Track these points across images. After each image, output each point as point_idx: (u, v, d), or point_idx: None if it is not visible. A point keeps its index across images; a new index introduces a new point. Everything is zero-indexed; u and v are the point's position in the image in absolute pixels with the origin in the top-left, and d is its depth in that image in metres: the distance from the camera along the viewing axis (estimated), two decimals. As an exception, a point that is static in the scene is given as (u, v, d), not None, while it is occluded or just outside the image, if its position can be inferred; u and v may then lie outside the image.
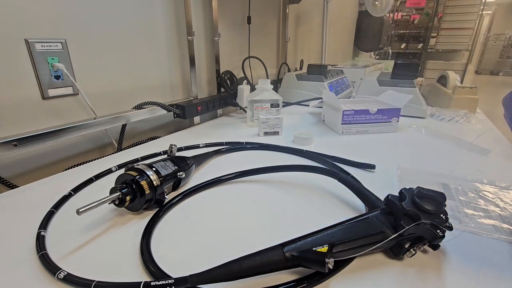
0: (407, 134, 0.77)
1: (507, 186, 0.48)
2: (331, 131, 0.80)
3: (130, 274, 0.31)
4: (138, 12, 0.71)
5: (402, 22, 4.91)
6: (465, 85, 0.99)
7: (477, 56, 7.48)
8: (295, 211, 0.42)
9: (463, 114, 0.89)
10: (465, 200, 0.44)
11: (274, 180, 0.51)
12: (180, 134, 0.80)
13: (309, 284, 0.29)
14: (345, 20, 2.41)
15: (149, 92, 0.79)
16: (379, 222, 0.31)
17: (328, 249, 0.28)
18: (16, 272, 0.31)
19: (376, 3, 1.63)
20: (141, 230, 0.37)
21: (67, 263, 0.32)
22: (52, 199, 0.43)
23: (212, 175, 0.51)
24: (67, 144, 0.63)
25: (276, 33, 1.36)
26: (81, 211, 0.32)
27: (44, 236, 0.36)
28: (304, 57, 1.62)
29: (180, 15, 0.81)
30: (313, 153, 0.60)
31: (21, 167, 0.56)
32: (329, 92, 0.89)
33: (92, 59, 0.64)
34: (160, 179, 0.41)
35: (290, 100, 1.14)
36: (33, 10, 0.53)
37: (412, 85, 0.93)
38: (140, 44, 0.73)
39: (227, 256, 0.28)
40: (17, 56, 0.52)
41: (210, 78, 0.98)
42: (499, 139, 0.74)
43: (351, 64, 1.85)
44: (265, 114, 0.81)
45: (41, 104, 0.57)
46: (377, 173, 0.54)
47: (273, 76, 1.36)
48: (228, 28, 1.02)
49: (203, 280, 0.27)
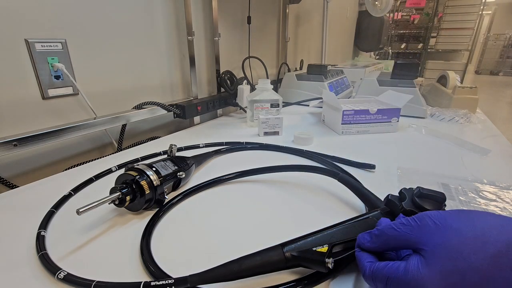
0: (407, 134, 0.77)
1: (507, 186, 0.48)
2: (331, 131, 0.80)
3: (130, 274, 0.31)
4: (138, 12, 0.71)
5: (402, 22, 4.91)
6: (465, 85, 0.99)
7: (477, 56, 7.48)
8: (295, 211, 0.42)
9: (463, 114, 0.89)
10: (465, 200, 0.44)
11: (274, 180, 0.51)
12: (180, 134, 0.80)
13: (309, 284, 0.29)
14: (345, 20, 2.41)
15: (149, 92, 0.79)
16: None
17: (328, 249, 0.28)
18: (16, 272, 0.31)
19: (376, 3, 1.63)
20: (141, 230, 0.37)
21: (67, 263, 0.32)
22: (52, 199, 0.43)
23: (212, 175, 0.51)
24: (67, 144, 0.63)
25: (276, 33, 1.36)
26: (81, 211, 0.32)
27: (44, 236, 0.36)
28: (304, 57, 1.62)
29: (180, 15, 0.81)
30: (313, 153, 0.60)
31: (21, 167, 0.56)
32: (329, 92, 0.89)
33: (92, 59, 0.64)
34: (160, 179, 0.41)
35: (290, 100, 1.14)
36: (33, 10, 0.53)
37: (412, 85, 0.93)
38: (140, 44, 0.73)
39: (227, 256, 0.28)
40: (17, 56, 0.52)
41: (210, 78, 0.98)
42: (499, 139, 0.74)
43: (351, 64, 1.85)
44: (265, 114, 0.81)
45: (41, 104, 0.57)
46: (377, 173, 0.54)
47: (273, 76, 1.36)
48: (228, 28, 1.02)
49: (203, 280, 0.27)
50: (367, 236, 0.27)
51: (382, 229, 0.26)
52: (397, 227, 0.25)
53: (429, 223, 0.24)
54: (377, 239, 0.26)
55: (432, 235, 0.23)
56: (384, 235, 0.26)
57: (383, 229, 0.26)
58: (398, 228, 0.25)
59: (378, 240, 0.26)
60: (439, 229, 0.23)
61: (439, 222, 0.23)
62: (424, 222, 0.24)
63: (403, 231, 0.25)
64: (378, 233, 0.26)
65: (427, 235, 0.23)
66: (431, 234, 0.23)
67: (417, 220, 0.25)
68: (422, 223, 0.24)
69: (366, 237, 0.27)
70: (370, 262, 0.26)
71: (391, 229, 0.25)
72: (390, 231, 0.25)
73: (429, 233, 0.23)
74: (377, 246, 0.26)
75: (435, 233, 0.23)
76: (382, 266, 0.24)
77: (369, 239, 0.27)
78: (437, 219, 0.24)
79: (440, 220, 0.23)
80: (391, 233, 0.25)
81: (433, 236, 0.23)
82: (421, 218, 0.24)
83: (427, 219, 0.24)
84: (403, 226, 0.25)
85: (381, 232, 0.26)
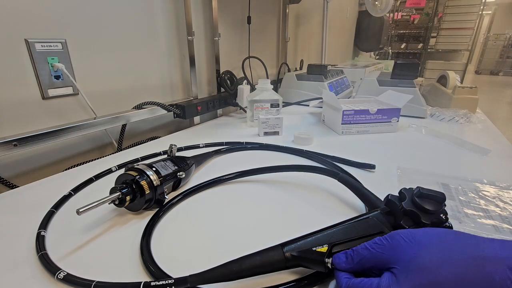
0: (407, 134, 0.77)
1: (507, 186, 0.48)
2: (331, 131, 0.80)
3: (130, 274, 0.31)
4: (138, 12, 0.71)
5: (402, 22, 4.91)
6: (465, 85, 0.99)
7: (477, 56, 7.48)
8: (295, 211, 0.42)
9: (463, 114, 0.89)
10: (465, 200, 0.44)
11: (274, 180, 0.51)
12: (180, 134, 0.80)
13: (309, 284, 0.29)
14: (345, 20, 2.41)
15: (149, 92, 0.79)
16: (379, 222, 0.31)
17: (328, 249, 0.28)
18: (16, 272, 0.31)
19: (376, 3, 1.63)
20: (141, 230, 0.37)
21: (67, 263, 0.32)
22: (52, 199, 0.43)
23: (212, 175, 0.51)
24: (67, 144, 0.63)
25: (276, 33, 1.36)
26: (81, 211, 0.32)
27: (44, 236, 0.36)
28: (304, 57, 1.62)
29: (180, 15, 0.81)
30: (313, 153, 0.60)
31: (21, 167, 0.56)
32: (329, 92, 0.89)
33: (92, 59, 0.64)
34: (160, 179, 0.41)
35: (290, 100, 1.14)
36: (33, 10, 0.53)
37: (412, 85, 0.93)
38: (140, 44, 0.73)
39: (227, 256, 0.28)
40: (17, 56, 0.52)
41: (210, 78, 0.98)
42: (499, 139, 0.74)
43: (351, 64, 1.85)
44: (265, 114, 0.81)
45: (41, 104, 0.57)
46: (377, 173, 0.54)
47: (273, 76, 1.36)
48: (228, 28, 1.02)
49: (203, 280, 0.27)
50: (343, 257, 0.27)
51: (357, 249, 0.26)
52: (370, 247, 0.26)
53: (400, 242, 0.24)
54: (352, 260, 0.26)
55: (403, 253, 0.24)
56: (359, 256, 0.26)
57: (358, 249, 0.26)
58: (372, 248, 0.25)
59: (353, 261, 0.26)
60: (409, 246, 0.24)
61: (409, 240, 0.24)
62: (395, 241, 0.25)
63: (376, 251, 0.25)
64: (353, 254, 0.26)
65: (398, 253, 0.24)
66: (402, 252, 0.24)
67: (389, 239, 0.25)
68: (394, 242, 0.25)
69: (342, 257, 0.27)
70: (347, 278, 0.26)
71: (365, 250, 0.26)
72: (364, 252, 0.26)
73: (400, 251, 0.24)
74: (351, 266, 0.26)
75: (406, 250, 0.24)
76: (357, 282, 0.25)
77: (344, 259, 0.27)
78: (407, 237, 0.24)
79: (410, 238, 0.24)
80: (365, 253, 0.26)
81: (404, 253, 0.23)
82: (392, 236, 0.25)
83: (397, 237, 0.25)
84: (376, 246, 0.25)
85: (355, 253, 0.26)
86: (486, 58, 7.56)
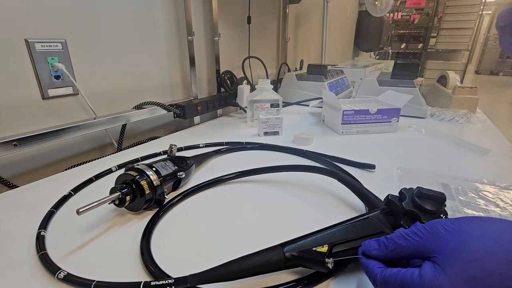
0: (407, 134, 0.77)
1: (507, 186, 0.48)
2: (331, 131, 0.80)
3: (130, 274, 0.31)
4: (138, 12, 0.71)
5: (402, 22, 4.91)
6: (465, 85, 0.99)
7: (477, 56, 7.47)
8: (295, 211, 0.42)
9: (463, 114, 0.89)
10: (465, 200, 0.44)
11: (274, 180, 0.51)
12: (180, 134, 0.80)
13: (309, 284, 0.29)
14: (345, 20, 2.41)
15: (149, 92, 0.79)
16: (379, 222, 0.31)
17: (328, 249, 0.28)
18: (16, 272, 0.31)
19: (376, 3, 1.63)
20: (141, 230, 0.37)
21: (67, 263, 0.32)
22: (52, 199, 0.43)
23: (212, 175, 0.51)
24: (67, 144, 0.63)
25: (276, 33, 1.36)
26: (81, 211, 0.32)
27: (44, 236, 0.36)
28: (304, 57, 1.62)
29: (180, 15, 0.81)
30: (313, 153, 0.60)
31: (21, 167, 0.56)
32: (329, 92, 0.89)
33: (92, 59, 0.64)
34: (160, 179, 0.41)
35: (290, 100, 1.14)
36: (33, 10, 0.53)
37: (412, 85, 0.93)
38: (140, 44, 0.73)
39: (227, 256, 0.28)
40: (17, 56, 0.52)
41: (210, 78, 0.98)
42: (499, 139, 0.74)
43: (351, 64, 1.85)
44: (265, 114, 0.81)
45: (41, 104, 0.57)
46: (377, 173, 0.54)
47: (273, 76, 1.36)
48: (228, 28, 1.02)
49: (203, 280, 0.27)
50: (375, 244, 0.26)
51: (392, 237, 0.25)
52: (407, 236, 0.25)
53: (441, 231, 0.23)
54: (385, 247, 0.25)
55: (446, 242, 0.23)
56: (394, 244, 0.25)
57: (393, 237, 0.25)
58: (409, 236, 0.24)
59: (387, 248, 0.25)
60: (452, 235, 0.23)
61: (452, 229, 0.23)
62: (436, 230, 0.24)
63: (415, 240, 0.24)
64: (387, 241, 0.26)
65: (440, 242, 0.23)
66: (445, 241, 0.23)
67: (428, 228, 0.24)
68: (434, 231, 0.24)
69: (374, 244, 0.26)
70: (380, 267, 0.25)
71: (401, 238, 0.25)
72: (401, 240, 0.25)
73: (442, 240, 0.23)
74: (385, 254, 0.25)
75: (449, 239, 0.23)
76: (395, 272, 0.24)
77: (376, 246, 0.26)
78: (448, 226, 0.23)
79: (452, 226, 0.23)
80: (401, 241, 0.25)
81: (447, 242, 0.22)
82: (432, 226, 0.24)
83: (438, 226, 0.24)
84: (414, 235, 0.24)
85: (390, 241, 0.25)
86: (486, 58, 7.55)
